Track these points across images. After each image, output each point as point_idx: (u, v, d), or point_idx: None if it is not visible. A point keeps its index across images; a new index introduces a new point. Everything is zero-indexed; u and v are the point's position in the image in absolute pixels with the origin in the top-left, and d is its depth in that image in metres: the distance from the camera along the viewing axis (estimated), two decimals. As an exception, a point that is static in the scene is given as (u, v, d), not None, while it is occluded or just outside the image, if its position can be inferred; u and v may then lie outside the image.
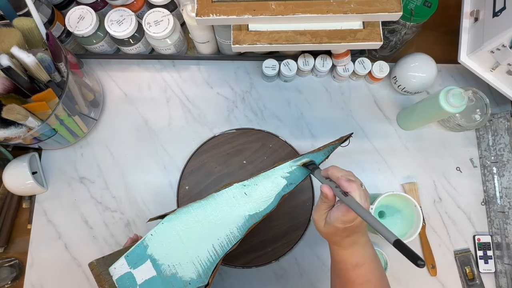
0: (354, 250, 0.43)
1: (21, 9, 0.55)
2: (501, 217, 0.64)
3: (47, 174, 0.66)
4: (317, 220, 0.44)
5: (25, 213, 0.65)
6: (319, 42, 0.55)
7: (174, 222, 0.49)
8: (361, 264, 0.43)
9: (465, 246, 0.66)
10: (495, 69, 0.58)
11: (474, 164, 0.70)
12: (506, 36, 0.52)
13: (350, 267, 0.43)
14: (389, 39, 0.67)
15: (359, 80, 0.73)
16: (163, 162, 0.67)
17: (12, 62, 0.48)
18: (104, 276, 0.46)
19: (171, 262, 0.47)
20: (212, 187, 0.66)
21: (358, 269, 0.43)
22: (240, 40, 0.55)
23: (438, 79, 0.73)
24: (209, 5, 0.53)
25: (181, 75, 0.72)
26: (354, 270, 0.43)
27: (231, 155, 0.67)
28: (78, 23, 0.60)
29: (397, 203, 0.60)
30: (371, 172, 0.68)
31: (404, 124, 0.70)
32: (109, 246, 0.64)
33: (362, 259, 0.43)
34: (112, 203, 0.65)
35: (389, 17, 0.53)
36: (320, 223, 0.43)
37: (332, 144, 0.56)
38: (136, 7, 0.65)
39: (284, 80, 0.71)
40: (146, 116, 0.69)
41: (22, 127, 0.52)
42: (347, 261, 0.44)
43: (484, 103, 0.65)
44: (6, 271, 0.61)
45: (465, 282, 0.64)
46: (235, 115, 0.70)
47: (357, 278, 0.43)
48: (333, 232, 0.42)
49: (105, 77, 0.71)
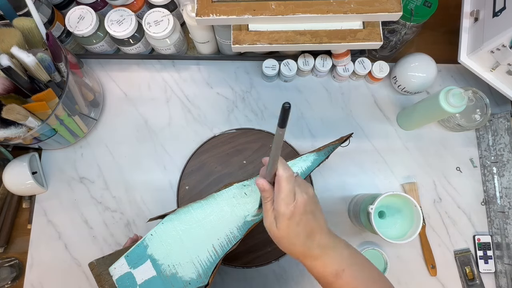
0: (327, 258, 0.40)
1: (21, 9, 0.55)
2: (501, 217, 0.64)
3: (47, 174, 0.66)
4: (269, 225, 0.40)
5: (25, 213, 0.65)
6: (319, 42, 0.55)
7: (174, 222, 0.49)
8: (341, 271, 0.40)
9: (465, 246, 0.66)
10: (495, 69, 0.58)
11: (474, 164, 0.70)
12: (506, 36, 0.52)
13: (331, 279, 0.40)
14: (389, 39, 0.67)
15: (359, 80, 0.73)
16: (163, 162, 0.67)
17: (12, 62, 0.48)
18: (104, 276, 0.46)
19: (171, 262, 0.47)
20: (212, 187, 0.66)
21: (340, 279, 0.39)
22: (240, 40, 0.55)
23: (438, 79, 0.73)
24: (209, 5, 0.53)
25: (181, 75, 0.72)
26: (337, 281, 0.40)
27: (231, 155, 0.67)
28: (78, 23, 0.60)
29: (397, 203, 0.60)
30: (371, 172, 0.68)
31: (404, 124, 0.70)
32: (109, 246, 0.64)
33: (340, 265, 0.40)
34: (112, 203, 0.65)
35: (389, 17, 0.53)
36: (272, 226, 0.40)
37: (332, 144, 0.56)
38: (136, 7, 0.65)
39: (284, 80, 0.71)
40: (146, 116, 0.69)
41: (22, 127, 0.52)
42: (325, 273, 0.40)
43: (484, 103, 0.65)
44: (6, 271, 0.61)
45: (465, 282, 0.64)
46: (235, 115, 0.70)
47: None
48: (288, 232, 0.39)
49: (105, 77, 0.71)
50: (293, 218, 0.39)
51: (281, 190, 0.38)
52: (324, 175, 0.68)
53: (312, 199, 0.40)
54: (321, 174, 0.68)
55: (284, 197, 0.38)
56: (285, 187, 0.38)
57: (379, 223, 0.58)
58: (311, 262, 0.41)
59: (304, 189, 0.40)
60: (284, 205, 0.38)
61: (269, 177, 0.40)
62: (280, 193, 0.38)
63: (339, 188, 0.67)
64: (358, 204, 0.62)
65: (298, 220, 0.39)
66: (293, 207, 0.38)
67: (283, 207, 0.38)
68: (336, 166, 0.68)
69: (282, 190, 0.38)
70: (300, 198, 0.39)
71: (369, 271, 0.42)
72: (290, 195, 0.38)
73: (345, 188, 0.68)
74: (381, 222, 0.61)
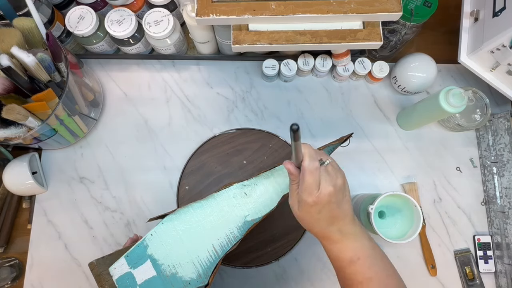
0: (346, 244, 0.41)
1: (21, 9, 0.55)
2: (501, 217, 0.64)
3: (47, 174, 0.66)
4: (292, 204, 0.42)
5: (25, 213, 0.65)
6: (319, 42, 0.55)
7: (174, 222, 0.49)
8: (356, 259, 0.40)
9: (465, 246, 0.66)
10: (495, 69, 0.58)
11: (474, 164, 0.70)
12: (506, 36, 0.52)
13: (345, 264, 0.41)
14: (389, 39, 0.67)
15: (359, 80, 0.73)
16: (163, 162, 0.67)
17: (12, 62, 0.48)
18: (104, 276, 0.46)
19: (171, 262, 0.47)
20: (212, 187, 0.66)
21: (353, 266, 0.40)
22: (240, 40, 0.55)
23: (438, 79, 0.73)
24: (209, 5, 0.53)
25: (181, 75, 0.72)
26: (350, 266, 0.40)
27: (231, 155, 0.67)
28: (78, 23, 0.60)
29: (397, 203, 0.60)
30: (371, 172, 0.68)
31: (404, 124, 0.70)
32: (109, 246, 0.64)
33: (356, 253, 0.40)
34: (112, 203, 0.65)
35: (389, 17, 0.53)
36: (295, 207, 0.42)
37: (332, 144, 0.56)
38: (136, 7, 0.65)
39: (284, 80, 0.71)
40: (146, 116, 0.69)
41: (22, 127, 0.52)
42: (340, 258, 0.41)
43: (484, 103, 0.65)
44: (6, 271, 0.61)
45: (465, 282, 0.64)
46: (235, 115, 0.70)
47: (354, 275, 0.40)
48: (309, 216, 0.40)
49: (105, 77, 0.71)
50: (315, 206, 0.39)
51: (304, 181, 0.39)
52: (324, 175, 0.68)
53: (339, 191, 0.40)
54: (321, 174, 0.68)
55: (307, 187, 0.39)
56: (308, 179, 0.39)
57: (379, 223, 0.58)
58: (329, 244, 0.42)
59: (333, 180, 0.40)
60: (307, 194, 0.39)
61: (296, 163, 0.41)
62: (303, 183, 0.39)
63: (339, 188, 0.67)
64: (358, 204, 0.62)
65: (320, 208, 0.39)
66: (316, 197, 0.39)
67: (306, 195, 0.39)
68: (336, 166, 0.68)
69: (305, 180, 0.39)
70: (325, 190, 0.39)
71: (384, 265, 0.42)
72: (313, 186, 0.39)
73: (345, 188, 0.68)
74: (381, 222, 0.61)
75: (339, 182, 0.40)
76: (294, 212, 0.42)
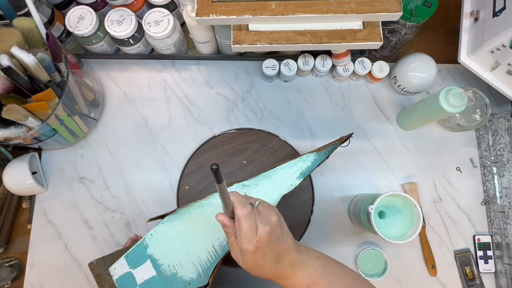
0: (298, 274, 0.40)
1: (21, 9, 0.55)
2: (501, 217, 0.64)
3: (47, 174, 0.66)
4: (236, 257, 0.41)
5: (25, 213, 0.65)
6: (319, 42, 0.55)
7: (174, 222, 0.49)
8: (312, 284, 0.40)
9: (465, 246, 0.66)
10: (495, 69, 0.58)
11: (474, 164, 0.70)
12: (506, 36, 0.52)
13: None
14: (389, 39, 0.67)
15: (359, 80, 0.73)
16: (163, 162, 0.67)
17: (12, 62, 0.48)
18: (104, 276, 0.46)
19: (171, 262, 0.47)
20: (212, 187, 0.66)
21: None
22: (240, 40, 0.55)
23: (438, 79, 0.73)
24: (209, 5, 0.53)
25: (181, 75, 0.72)
26: None
27: (231, 155, 0.67)
28: (78, 23, 0.60)
29: (397, 203, 0.60)
30: (371, 172, 0.68)
31: (404, 124, 0.70)
32: (109, 246, 0.64)
33: (311, 279, 0.40)
34: (112, 203, 0.65)
35: (389, 17, 0.53)
36: (239, 259, 0.40)
37: (332, 144, 0.56)
38: (136, 7, 0.65)
39: (284, 80, 0.71)
40: (146, 116, 0.69)
41: (22, 127, 0.52)
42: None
43: (484, 103, 0.65)
44: (6, 271, 0.61)
45: (465, 282, 0.64)
46: (235, 115, 0.70)
47: None
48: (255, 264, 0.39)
49: (105, 77, 0.71)
50: (258, 251, 0.38)
51: (241, 229, 0.38)
52: (324, 175, 0.68)
53: (276, 227, 0.40)
54: (321, 174, 0.68)
55: (245, 235, 0.38)
56: (245, 226, 0.38)
57: (379, 223, 0.58)
58: (284, 281, 0.41)
59: (267, 220, 0.39)
60: (247, 242, 0.38)
61: (228, 214, 0.40)
62: (240, 232, 0.38)
63: (339, 188, 0.67)
64: (358, 204, 0.62)
65: (264, 251, 0.39)
66: (256, 241, 0.38)
67: (246, 244, 0.38)
68: (336, 166, 0.68)
69: (242, 228, 0.38)
70: (263, 232, 0.38)
71: (343, 279, 0.42)
72: (251, 231, 0.38)
73: (345, 188, 0.68)
74: (381, 222, 0.61)
75: (273, 219, 0.40)
76: (241, 265, 0.41)
